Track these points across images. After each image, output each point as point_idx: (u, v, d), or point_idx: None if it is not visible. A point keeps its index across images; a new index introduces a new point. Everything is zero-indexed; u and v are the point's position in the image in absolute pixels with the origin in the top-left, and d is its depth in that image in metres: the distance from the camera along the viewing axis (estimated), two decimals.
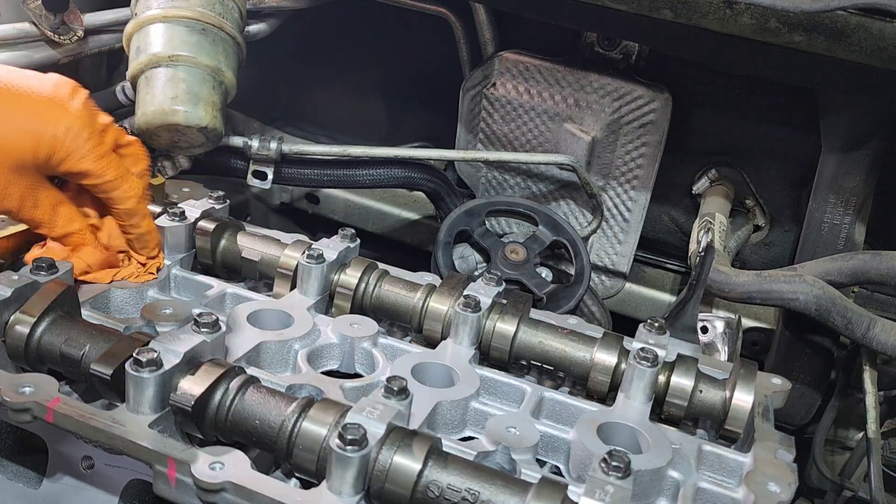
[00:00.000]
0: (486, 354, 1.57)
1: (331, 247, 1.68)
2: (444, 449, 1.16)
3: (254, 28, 2.26)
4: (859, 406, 2.01)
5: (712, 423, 1.50)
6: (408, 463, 1.08)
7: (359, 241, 1.77)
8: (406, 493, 1.07)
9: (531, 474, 1.22)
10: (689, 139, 2.37)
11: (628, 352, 1.49)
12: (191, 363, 1.21)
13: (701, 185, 2.39)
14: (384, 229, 2.79)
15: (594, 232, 2.35)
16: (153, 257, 1.65)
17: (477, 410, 1.41)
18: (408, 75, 2.73)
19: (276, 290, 1.69)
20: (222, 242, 1.75)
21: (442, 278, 1.71)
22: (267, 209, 2.92)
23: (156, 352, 1.17)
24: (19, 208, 1.47)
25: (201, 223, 1.75)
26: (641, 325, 1.57)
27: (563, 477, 1.35)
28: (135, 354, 1.16)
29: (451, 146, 2.52)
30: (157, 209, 1.76)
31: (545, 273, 2.15)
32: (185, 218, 1.73)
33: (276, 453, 1.17)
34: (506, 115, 2.36)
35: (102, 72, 2.51)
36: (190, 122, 1.83)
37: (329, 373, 1.48)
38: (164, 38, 1.84)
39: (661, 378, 1.46)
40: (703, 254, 1.93)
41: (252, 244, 1.74)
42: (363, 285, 1.66)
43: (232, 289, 1.67)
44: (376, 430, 1.09)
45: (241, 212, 2.77)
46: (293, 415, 1.15)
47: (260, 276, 1.75)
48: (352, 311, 1.65)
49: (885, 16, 1.56)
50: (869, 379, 1.97)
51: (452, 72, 2.48)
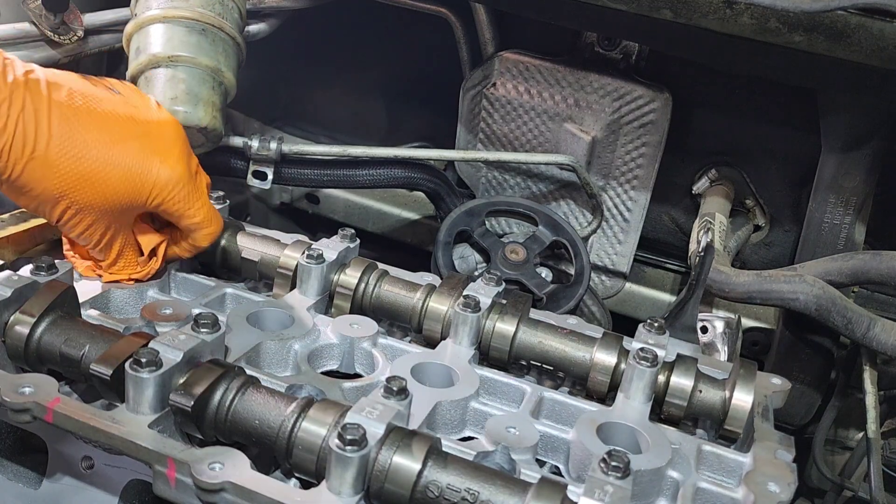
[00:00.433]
0: (486, 354, 1.57)
1: (331, 247, 1.68)
2: (444, 449, 1.16)
3: (254, 28, 2.26)
4: (859, 406, 2.00)
5: (712, 423, 1.50)
6: (407, 463, 1.08)
7: (359, 241, 1.77)
8: (406, 493, 1.07)
9: (531, 474, 1.22)
10: (689, 139, 2.37)
11: (628, 352, 1.48)
12: (191, 363, 1.22)
13: (701, 185, 2.39)
14: (384, 229, 2.79)
15: (594, 232, 2.35)
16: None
17: (477, 410, 1.41)
18: (408, 75, 2.73)
19: (276, 291, 1.69)
20: (222, 242, 1.75)
21: (442, 278, 1.71)
22: (267, 209, 2.92)
23: (156, 352, 1.18)
24: (93, 246, 1.46)
25: None
26: (641, 325, 1.56)
27: (562, 477, 1.35)
28: (134, 354, 1.17)
29: (451, 146, 2.52)
30: None
31: (545, 273, 2.15)
32: None
33: (276, 453, 1.17)
34: (506, 115, 2.36)
35: (102, 72, 2.51)
36: (190, 122, 1.83)
37: (329, 373, 1.49)
38: (164, 38, 1.84)
39: (661, 378, 1.46)
40: (703, 254, 1.93)
41: (252, 244, 1.74)
42: (363, 285, 1.66)
43: (232, 289, 1.68)
44: (376, 430, 1.09)
45: (241, 212, 2.77)
46: (293, 415, 1.15)
47: (260, 276, 1.75)
48: (352, 312, 1.65)
49: (885, 16, 1.56)
50: (869, 379, 1.97)
51: (452, 72, 2.48)
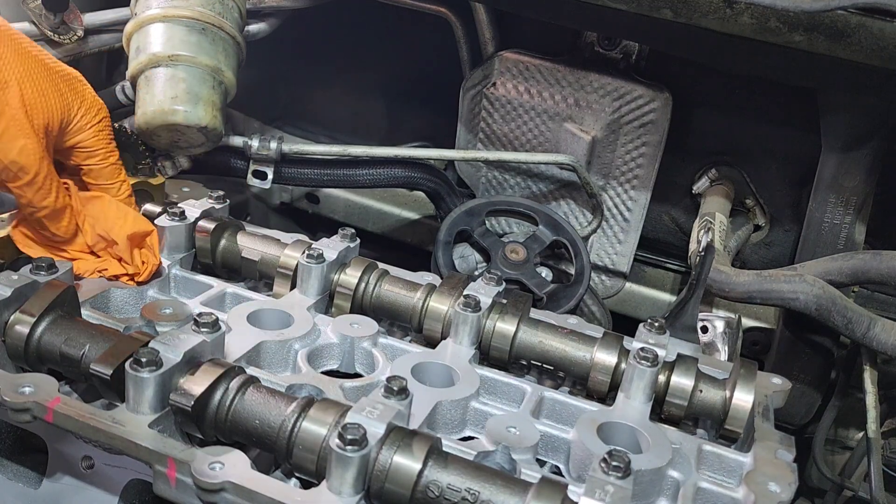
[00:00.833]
0: (486, 354, 1.57)
1: (331, 246, 1.68)
2: (444, 449, 1.16)
3: (254, 28, 2.26)
4: (859, 406, 2.00)
5: (712, 423, 1.50)
6: (408, 463, 1.08)
7: (359, 240, 1.77)
8: (406, 492, 1.07)
9: (531, 474, 1.22)
10: (689, 139, 2.37)
11: (628, 351, 1.48)
12: (191, 363, 1.22)
13: (701, 185, 2.39)
14: (384, 229, 2.79)
15: (594, 232, 2.35)
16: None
17: (477, 410, 1.41)
18: (408, 75, 2.73)
19: (276, 290, 1.69)
20: (222, 242, 1.75)
21: (442, 278, 1.71)
22: (267, 209, 2.92)
23: (156, 352, 1.18)
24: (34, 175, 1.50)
25: (201, 223, 1.75)
26: (641, 325, 1.56)
27: (563, 477, 1.35)
28: (135, 354, 1.17)
29: (451, 146, 2.52)
30: (157, 209, 1.76)
31: (545, 273, 2.15)
32: (185, 218, 1.73)
33: (276, 453, 1.17)
34: (506, 115, 2.35)
35: (102, 71, 2.51)
36: (190, 121, 1.83)
37: (329, 373, 1.49)
38: (164, 37, 1.84)
39: (661, 378, 1.46)
40: (703, 253, 1.93)
41: (252, 244, 1.74)
42: (363, 285, 1.66)
43: (232, 289, 1.68)
44: (376, 430, 1.09)
45: (241, 212, 2.77)
46: (293, 415, 1.15)
47: (260, 276, 1.75)
48: (352, 311, 1.65)
49: (886, 15, 1.56)
50: (869, 378, 1.97)
51: (452, 72, 2.48)
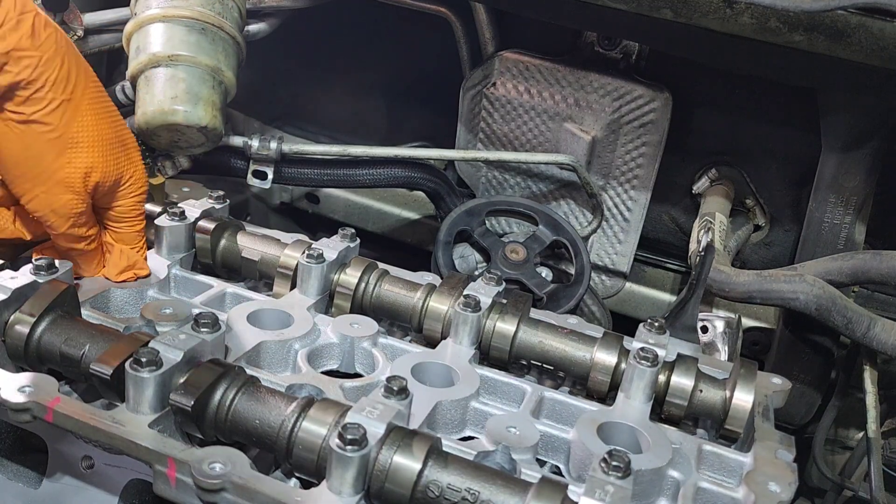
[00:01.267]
0: (486, 354, 1.57)
1: (331, 246, 1.68)
2: (444, 449, 1.16)
3: (254, 28, 2.26)
4: (859, 405, 2.00)
5: (712, 423, 1.50)
6: (408, 463, 1.08)
7: (359, 240, 1.77)
8: (406, 492, 1.07)
9: (531, 474, 1.22)
10: (689, 139, 2.37)
11: (628, 351, 1.48)
12: (191, 363, 1.22)
13: (701, 185, 2.39)
14: (384, 229, 2.79)
15: (594, 232, 2.35)
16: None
17: (477, 410, 1.41)
18: (408, 75, 2.73)
19: (276, 290, 1.69)
20: (222, 242, 1.75)
21: (442, 278, 1.71)
22: (267, 209, 2.92)
23: (156, 351, 1.18)
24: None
25: (201, 223, 1.75)
26: (641, 325, 1.56)
27: (563, 477, 1.35)
28: (135, 354, 1.16)
29: (451, 146, 2.52)
30: (157, 209, 1.76)
31: (545, 273, 2.15)
32: (185, 218, 1.73)
33: (276, 453, 1.17)
34: (506, 115, 2.35)
35: (102, 71, 2.51)
36: (190, 121, 1.83)
37: (329, 372, 1.48)
38: (164, 37, 1.84)
39: (662, 378, 1.46)
40: (703, 253, 1.93)
41: (252, 244, 1.74)
42: (363, 285, 1.66)
43: (232, 289, 1.67)
44: (376, 430, 1.09)
45: (241, 211, 2.77)
46: (293, 415, 1.15)
47: (260, 276, 1.75)
48: (352, 311, 1.65)
49: (886, 15, 1.56)
50: (869, 378, 1.97)
51: (452, 72, 2.48)
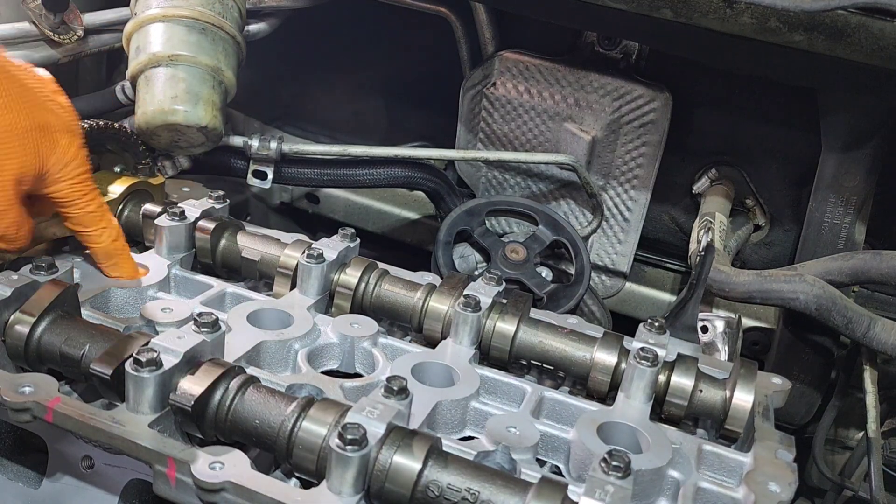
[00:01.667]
0: (486, 354, 1.57)
1: (331, 246, 1.68)
2: (444, 449, 1.16)
3: (254, 28, 2.26)
4: (859, 405, 2.01)
5: (712, 423, 1.50)
6: (408, 463, 1.08)
7: (359, 240, 1.77)
8: (406, 492, 1.07)
9: (531, 474, 1.22)
10: (689, 139, 2.37)
11: (628, 351, 1.48)
12: (191, 363, 1.21)
13: (701, 185, 2.39)
14: (384, 229, 2.79)
15: (594, 231, 2.35)
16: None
17: (477, 410, 1.41)
18: (408, 75, 2.73)
19: (276, 290, 1.69)
20: (222, 242, 1.75)
21: (442, 278, 1.71)
22: (267, 209, 2.92)
23: (156, 352, 1.17)
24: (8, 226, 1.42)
25: (201, 223, 1.74)
26: (641, 325, 1.56)
27: (563, 477, 1.35)
28: (135, 354, 1.16)
29: (451, 146, 2.52)
30: (157, 209, 1.76)
31: (545, 273, 2.15)
32: (185, 217, 1.73)
33: (276, 453, 1.17)
34: (506, 115, 2.35)
35: (102, 71, 2.51)
36: (190, 121, 1.83)
37: (329, 372, 1.48)
38: (164, 37, 1.84)
39: (662, 378, 1.46)
40: (703, 253, 1.93)
41: (252, 244, 1.74)
42: (363, 285, 1.66)
43: (232, 288, 1.67)
44: (376, 430, 1.09)
45: (241, 211, 2.77)
46: (293, 415, 1.15)
47: (260, 276, 1.75)
48: (352, 311, 1.65)
49: (886, 15, 1.56)
50: (869, 378, 1.97)
51: (452, 72, 2.48)
